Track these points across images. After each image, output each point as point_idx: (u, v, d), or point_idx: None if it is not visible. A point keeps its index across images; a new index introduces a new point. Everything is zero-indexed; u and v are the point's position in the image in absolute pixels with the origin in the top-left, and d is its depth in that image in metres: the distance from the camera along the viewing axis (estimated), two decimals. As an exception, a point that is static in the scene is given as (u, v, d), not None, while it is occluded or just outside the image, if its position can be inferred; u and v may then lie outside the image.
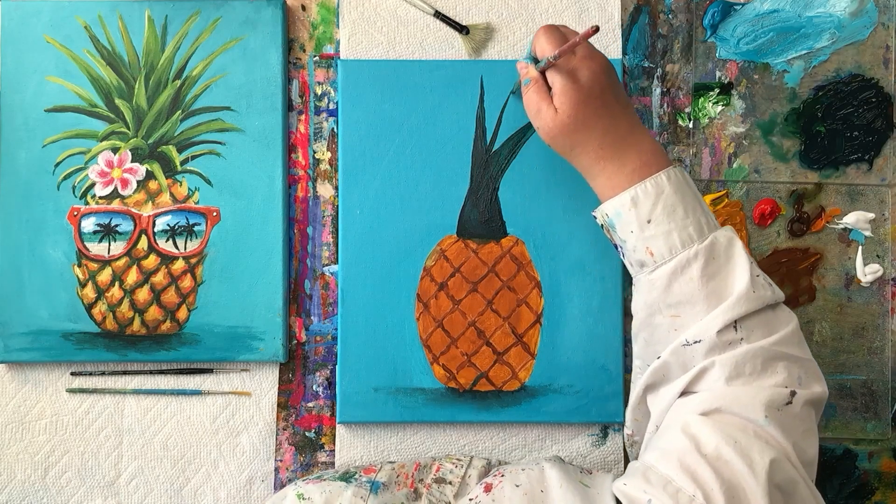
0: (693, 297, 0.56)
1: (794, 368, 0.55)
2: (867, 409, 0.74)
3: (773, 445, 0.52)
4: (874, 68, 0.74)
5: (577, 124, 0.59)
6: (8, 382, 0.73)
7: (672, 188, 0.57)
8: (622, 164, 0.59)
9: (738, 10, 0.74)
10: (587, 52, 0.61)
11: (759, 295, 0.56)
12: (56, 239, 0.72)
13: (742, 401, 0.54)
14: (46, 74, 0.73)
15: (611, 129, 0.60)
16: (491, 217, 0.73)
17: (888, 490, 0.74)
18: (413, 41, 0.74)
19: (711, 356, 0.56)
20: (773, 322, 0.57)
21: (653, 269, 0.58)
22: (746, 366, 0.55)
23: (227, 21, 0.73)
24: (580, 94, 0.59)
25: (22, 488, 0.72)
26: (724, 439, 0.52)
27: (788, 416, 0.54)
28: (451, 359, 0.72)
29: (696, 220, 0.57)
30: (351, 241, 0.73)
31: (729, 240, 0.57)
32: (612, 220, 0.59)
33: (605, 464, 0.73)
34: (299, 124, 0.74)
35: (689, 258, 0.56)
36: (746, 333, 0.55)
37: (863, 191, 0.74)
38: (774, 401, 0.54)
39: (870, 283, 0.74)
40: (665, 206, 0.57)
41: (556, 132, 0.60)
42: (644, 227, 0.57)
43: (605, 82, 0.60)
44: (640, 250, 0.58)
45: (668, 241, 0.57)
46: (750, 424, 0.53)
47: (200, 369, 0.73)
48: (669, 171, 0.58)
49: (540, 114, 0.61)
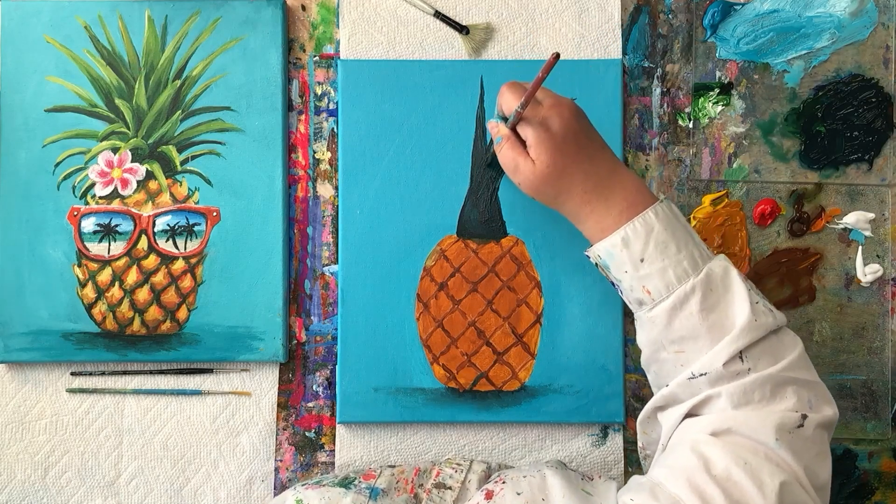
0: (695, 332, 0.56)
1: (804, 392, 0.55)
2: (867, 409, 0.74)
3: (784, 468, 0.52)
4: (874, 68, 0.74)
5: (557, 172, 0.59)
6: (8, 382, 0.73)
7: (661, 225, 0.57)
8: (608, 206, 0.59)
9: (738, 10, 0.74)
10: (554, 100, 0.61)
11: (761, 323, 0.56)
12: (56, 239, 0.72)
13: (752, 423, 0.53)
14: (46, 74, 0.73)
15: (591, 172, 0.60)
16: (491, 217, 0.73)
17: (888, 490, 0.74)
18: (413, 41, 0.74)
19: (718, 386, 0.55)
20: (779, 348, 0.56)
21: (651, 307, 0.58)
22: (755, 393, 0.55)
23: (227, 21, 0.73)
24: (555, 141, 0.59)
25: (22, 488, 0.72)
26: (734, 460, 0.52)
27: (800, 439, 0.54)
28: (451, 359, 0.72)
29: (689, 253, 0.57)
30: (351, 241, 0.73)
31: (724, 269, 0.57)
32: (606, 261, 0.59)
33: (605, 464, 0.73)
34: (299, 124, 0.74)
35: (687, 293, 0.56)
36: (753, 363, 0.55)
37: (863, 191, 0.74)
38: (785, 424, 0.53)
39: (870, 283, 0.74)
40: (657, 243, 0.57)
41: (538, 183, 0.60)
42: (638, 266, 0.57)
43: (577, 126, 0.60)
44: (637, 289, 0.58)
45: (663, 278, 0.57)
46: (761, 447, 0.53)
47: (200, 369, 0.73)
48: (657, 207, 0.58)
49: (518, 168, 0.61)
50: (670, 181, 0.74)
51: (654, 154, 0.74)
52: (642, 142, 0.74)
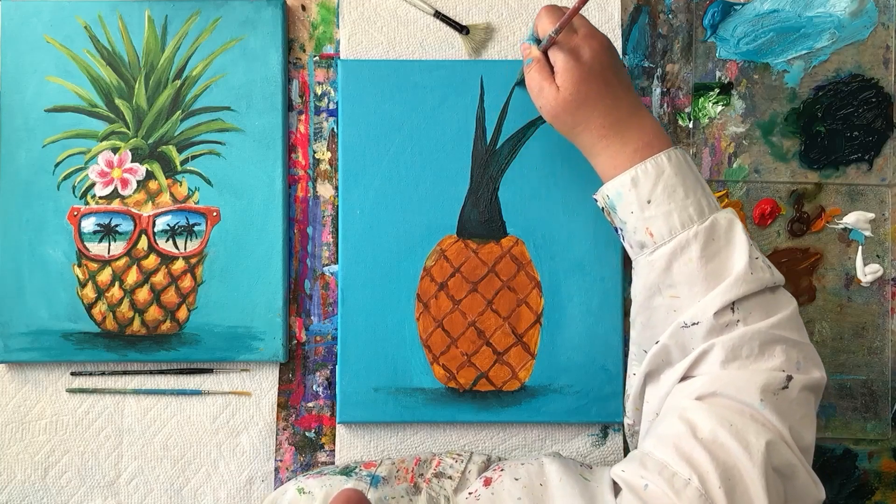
0: (692, 278, 0.56)
1: (793, 352, 0.55)
2: (867, 409, 0.74)
3: (770, 428, 0.52)
4: (874, 68, 0.74)
5: (579, 102, 0.59)
6: (8, 382, 0.73)
7: (672, 169, 0.57)
8: (624, 143, 0.59)
9: (738, 10, 0.74)
10: (588, 31, 0.61)
11: (757, 277, 0.56)
12: (56, 239, 0.72)
13: (738, 384, 0.54)
14: (46, 74, 0.73)
15: (613, 107, 0.60)
16: (491, 217, 0.73)
17: (888, 490, 0.74)
18: (413, 41, 0.74)
19: (711, 338, 0.56)
20: (773, 304, 0.56)
21: (652, 250, 0.58)
22: (743, 349, 0.55)
23: (227, 21, 0.73)
24: (582, 71, 0.59)
25: (22, 488, 0.72)
26: (719, 423, 0.52)
27: (785, 401, 0.54)
28: (451, 359, 0.72)
29: (696, 201, 0.57)
30: (351, 241, 0.73)
31: (729, 221, 0.57)
32: (613, 202, 0.59)
33: (605, 464, 0.73)
34: (299, 124, 0.74)
35: (689, 239, 0.56)
36: (744, 315, 0.55)
37: (863, 191, 0.74)
38: (770, 384, 0.53)
39: (870, 283, 0.74)
40: (665, 186, 0.57)
41: (558, 110, 0.60)
42: (644, 207, 0.57)
43: (607, 60, 0.60)
44: (641, 231, 0.58)
45: (668, 221, 0.57)
46: (746, 408, 0.53)
47: (200, 369, 0.73)
48: (670, 151, 0.58)
49: (542, 92, 0.61)
50: (670, 181, 0.74)
51: (654, 154, 0.74)
52: (642, 142, 0.74)
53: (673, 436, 0.53)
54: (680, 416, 0.54)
